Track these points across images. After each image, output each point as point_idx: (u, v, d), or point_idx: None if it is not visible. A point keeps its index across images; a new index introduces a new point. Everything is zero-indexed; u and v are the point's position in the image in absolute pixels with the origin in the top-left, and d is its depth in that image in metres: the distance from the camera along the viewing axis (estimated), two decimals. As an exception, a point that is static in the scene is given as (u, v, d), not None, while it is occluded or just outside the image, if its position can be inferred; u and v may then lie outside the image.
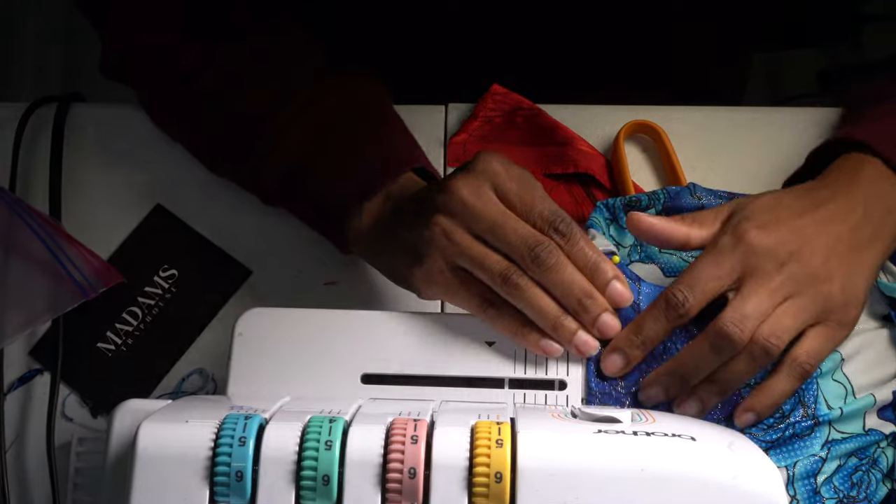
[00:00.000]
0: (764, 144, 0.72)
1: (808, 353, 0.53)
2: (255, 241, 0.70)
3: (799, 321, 0.53)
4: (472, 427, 0.43)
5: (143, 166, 0.73)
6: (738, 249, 0.53)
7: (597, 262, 0.53)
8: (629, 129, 0.71)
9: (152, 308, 0.69)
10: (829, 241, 0.54)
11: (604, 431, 0.44)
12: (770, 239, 0.53)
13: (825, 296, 0.53)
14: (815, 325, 0.54)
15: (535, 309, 0.52)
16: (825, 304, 0.53)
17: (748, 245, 0.53)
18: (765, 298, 0.52)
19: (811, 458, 0.53)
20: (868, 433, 0.55)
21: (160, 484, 0.42)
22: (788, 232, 0.54)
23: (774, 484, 0.43)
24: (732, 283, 0.53)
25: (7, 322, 0.64)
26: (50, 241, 0.65)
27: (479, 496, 0.42)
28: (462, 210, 0.53)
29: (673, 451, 0.43)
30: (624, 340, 0.53)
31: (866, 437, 0.55)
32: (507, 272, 0.52)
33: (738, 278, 0.53)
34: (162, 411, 0.45)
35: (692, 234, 0.56)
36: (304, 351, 0.54)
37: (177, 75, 0.66)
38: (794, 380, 0.53)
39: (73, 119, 0.73)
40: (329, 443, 0.42)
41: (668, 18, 0.74)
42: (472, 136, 0.73)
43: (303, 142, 0.63)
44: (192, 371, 0.67)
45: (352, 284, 0.69)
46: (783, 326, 0.52)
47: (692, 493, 0.42)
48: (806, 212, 0.55)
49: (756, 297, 0.52)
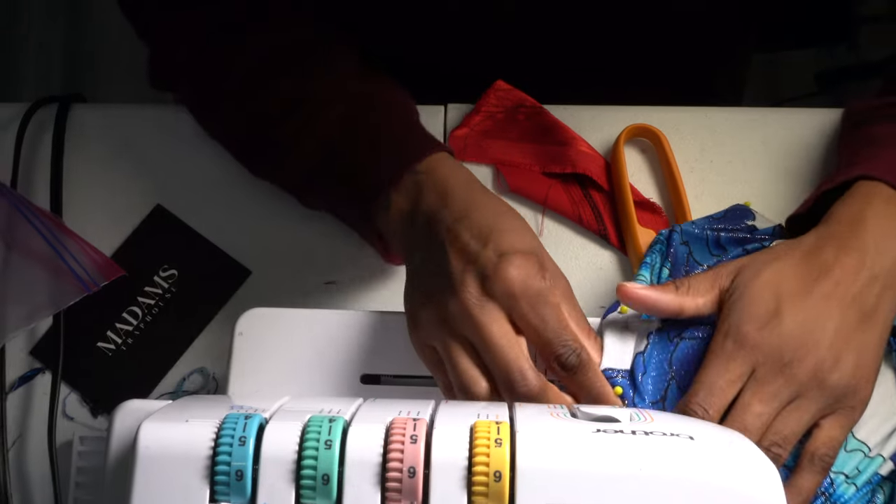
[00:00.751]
0: (762, 145, 0.72)
1: (826, 444, 0.52)
2: (254, 242, 0.71)
3: (805, 422, 0.52)
4: (471, 426, 0.43)
5: (143, 167, 0.73)
6: (742, 353, 0.52)
7: (599, 395, 0.53)
8: (629, 132, 0.72)
9: (152, 308, 0.69)
10: (835, 323, 0.53)
11: (602, 431, 0.44)
12: (772, 339, 0.52)
13: (832, 387, 0.52)
14: (826, 415, 0.53)
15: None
16: (834, 394, 0.52)
17: (751, 348, 0.52)
18: (764, 405, 0.51)
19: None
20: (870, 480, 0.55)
21: (161, 483, 0.42)
22: (791, 324, 0.52)
23: (772, 484, 0.43)
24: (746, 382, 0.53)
25: (9, 317, 0.64)
26: (50, 236, 0.66)
27: (478, 495, 0.42)
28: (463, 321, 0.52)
29: (671, 451, 0.43)
30: None
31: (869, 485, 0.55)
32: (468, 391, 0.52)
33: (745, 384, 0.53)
34: (162, 411, 0.46)
35: (685, 304, 0.54)
36: (303, 351, 0.55)
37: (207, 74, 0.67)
38: (817, 473, 0.53)
39: (74, 119, 0.74)
40: (329, 442, 0.42)
41: (667, 19, 0.74)
42: (473, 131, 0.73)
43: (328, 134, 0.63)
44: (192, 370, 0.68)
45: (351, 285, 0.69)
46: (788, 430, 0.52)
47: (690, 492, 0.42)
48: (810, 289, 0.53)
49: (756, 406, 0.52)
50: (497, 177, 0.72)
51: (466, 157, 0.73)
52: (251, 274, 0.70)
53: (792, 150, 0.72)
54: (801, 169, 0.71)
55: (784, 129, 0.73)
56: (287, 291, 0.69)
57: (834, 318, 0.53)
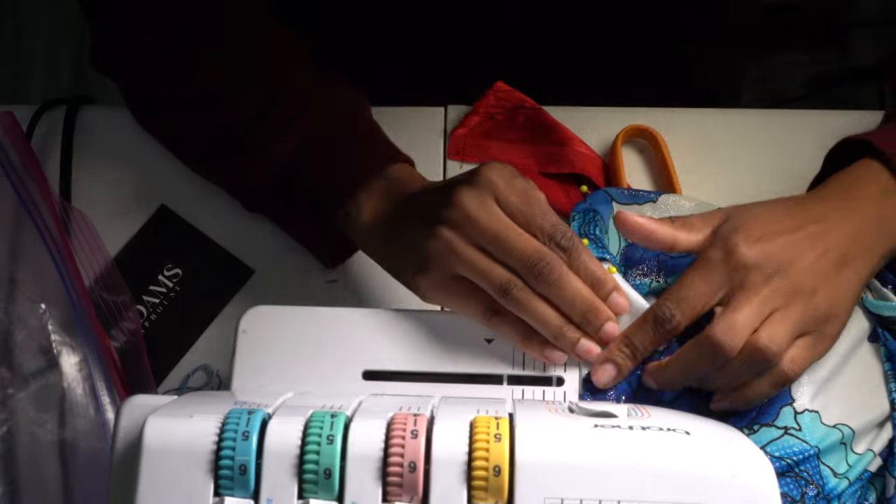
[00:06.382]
0: (757, 147, 0.73)
1: (793, 360, 0.54)
2: (257, 241, 0.71)
3: (790, 330, 0.53)
4: (471, 422, 0.44)
5: (147, 167, 0.73)
6: (728, 264, 0.54)
7: (597, 274, 0.54)
8: (627, 133, 0.72)
9: (157, 307, 0.70)
10: (816, 257, 0.55)
11: (600, 426, 0.45)
12: (759, 253, 0.54)
13: (811, 308, 0.54)
14: (800, 335, 0.54)
15: (538, 320, 0.53)
16: (811, 315, 0.54)
17: (737, 260, 0.54)
18: (754, 309, 0.53)
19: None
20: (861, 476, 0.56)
21: (166, 477, 0.43)
22: (777, 247, 0.54)
23: (768, 478, 0.44)
24: (721, 299, 0.54)
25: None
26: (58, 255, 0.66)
27: (478, 489, 0.42)
28: (466, 222, 0.54)
29: (668, 446, 0.44)
30: (615, 352, 0.54)
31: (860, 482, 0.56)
32: (507, 285, 0.53)
33: (727, 293, 0.54)
34: (167, 406, 0.46)
35: (679, 238, 0.56)
36: (306, 348, 0.55)
37: (163, 77, 0.67)
38: (774, 385, 0.54)
39: (82, 121, 0.74)
40: (331, 437, 0.43)
41: (664, 22, 0.75)
42: (472, 131, 0.73)
43: (291, 143, 0.63)
44: (196, 368, 0.68)
45: (353, 283, 0.70)
46: (778, 333, 0.53)
47: (687, 486, 0.42)
48: (797, 228, 0.56)
49: (746, 308, 0.53)
50: (497, 177, 0.72)
51: (466, 157, 0.73)
52: (254, 273, 0.71)
53: (788, 151, 0.72)
54: (797, 170, 0.72)
55: (780, 131, 0.73)
56: (290, 290, 0.70)
57: (815, 253, 0.55)
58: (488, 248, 0.54)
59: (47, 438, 0.63)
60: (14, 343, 0.65)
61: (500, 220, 0.54)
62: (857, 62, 1.01)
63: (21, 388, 0.64)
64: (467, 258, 0.54)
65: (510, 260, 0.53)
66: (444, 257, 0.54)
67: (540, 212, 0.54)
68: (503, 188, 0.54)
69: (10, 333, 0.65)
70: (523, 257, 0.53)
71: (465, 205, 0.54)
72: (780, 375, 0.54)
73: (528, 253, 0.53)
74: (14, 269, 0.65)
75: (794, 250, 0.55)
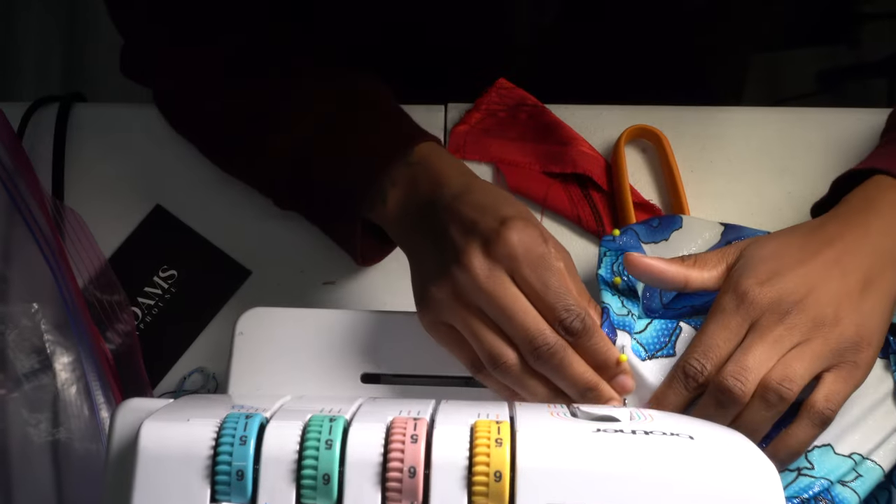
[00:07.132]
0: (762, 145, 0.72)
1: (827, 397, 0.52)
2: (254, 242, 0.71)
3: (810, 365, 0.52)
4: (471, 426, 0.43)
5: (143, 167, 0.73)
6: (742, 308, 0.52)
7: (604, 358, 0.53)
8: (631, 133, 0.72)
9: (152, 308, 0.69)
10: (837, 284, 0.53)
11: (602, 430, 0.44)
12: (772, 293, 0.52)
13: (835, 339, 0.52)
14: (829, 369, 0.53)
15: (526, 394, 0.52)
16: (837, 347, 0.52)
17: (751, 303, 0.52)
18: (766, 349, 0.52)
19: None
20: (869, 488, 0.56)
21: (162, 483, 0.42)
22: (791, 282, 0.53)
23: (771, 483, 0.43)
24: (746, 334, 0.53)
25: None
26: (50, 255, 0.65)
27: (478, 495, 0.42)
28: (473, 288, 0.52)
29: (671, 450, 0.43)
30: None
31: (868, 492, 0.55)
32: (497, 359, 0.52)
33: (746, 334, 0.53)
34: (163, 410, 0.46)
35: (691, 277, 0.55)
36: (304, 350, 0.55)
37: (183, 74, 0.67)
38: (814, 426, 0.52)
39: (74, 119, 0.74)
40: (329, 442, 0.42)
41: (667, 19, 0.75)
42: (473, 128, 0.73)
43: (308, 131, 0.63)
44: (192, 370, 0.68)
45: (351, 284, 0.69)
46: (793, 370, 0.51)
47: (690, 491, 0.42)
48: (813, 255, 0.54)
49: (757, 350, 0.52)
50: (497, 175, 0.72)
51: (466, 154, 0.73)
52: (251, 274, 0.70)
53: (792, 149, 0.72)
54: (802, 169, 0.71)
55: (784, 129, 0.73)
56: (287, 291, 0.69)
57: (835, 281, 0.53)
58: (491, 316, 0.52)
59: (40, 439, 0.63)
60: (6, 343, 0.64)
61: (507, 295, 0.52)
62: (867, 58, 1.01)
63: (14, 389, 0.64)
64: (463, 319, 0.52)
65: (512, 335, 0.52)
66: (443, 308, 0.53)
67: (554, 290, 0.52)
68: (521, 258, 0.52)
69: (2, 333, 0.64)
70: (526, 338, 0.51)
71: (475, 272, 0.52)
72: (817, 416, 0.52)
73: (531, 334, 0.51)
74: (5, 269, 0.65)
75: (811, 281, 0.53)
